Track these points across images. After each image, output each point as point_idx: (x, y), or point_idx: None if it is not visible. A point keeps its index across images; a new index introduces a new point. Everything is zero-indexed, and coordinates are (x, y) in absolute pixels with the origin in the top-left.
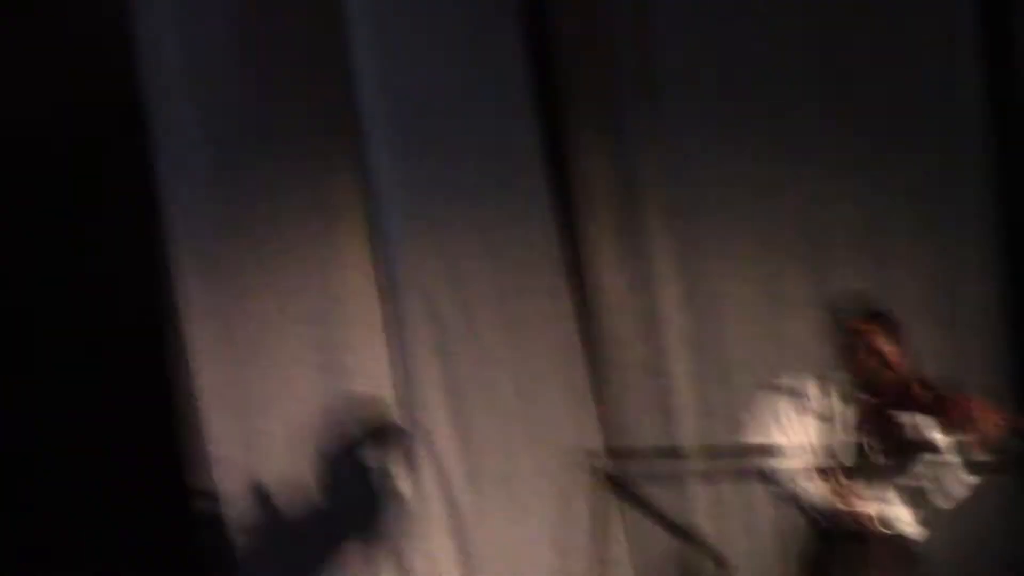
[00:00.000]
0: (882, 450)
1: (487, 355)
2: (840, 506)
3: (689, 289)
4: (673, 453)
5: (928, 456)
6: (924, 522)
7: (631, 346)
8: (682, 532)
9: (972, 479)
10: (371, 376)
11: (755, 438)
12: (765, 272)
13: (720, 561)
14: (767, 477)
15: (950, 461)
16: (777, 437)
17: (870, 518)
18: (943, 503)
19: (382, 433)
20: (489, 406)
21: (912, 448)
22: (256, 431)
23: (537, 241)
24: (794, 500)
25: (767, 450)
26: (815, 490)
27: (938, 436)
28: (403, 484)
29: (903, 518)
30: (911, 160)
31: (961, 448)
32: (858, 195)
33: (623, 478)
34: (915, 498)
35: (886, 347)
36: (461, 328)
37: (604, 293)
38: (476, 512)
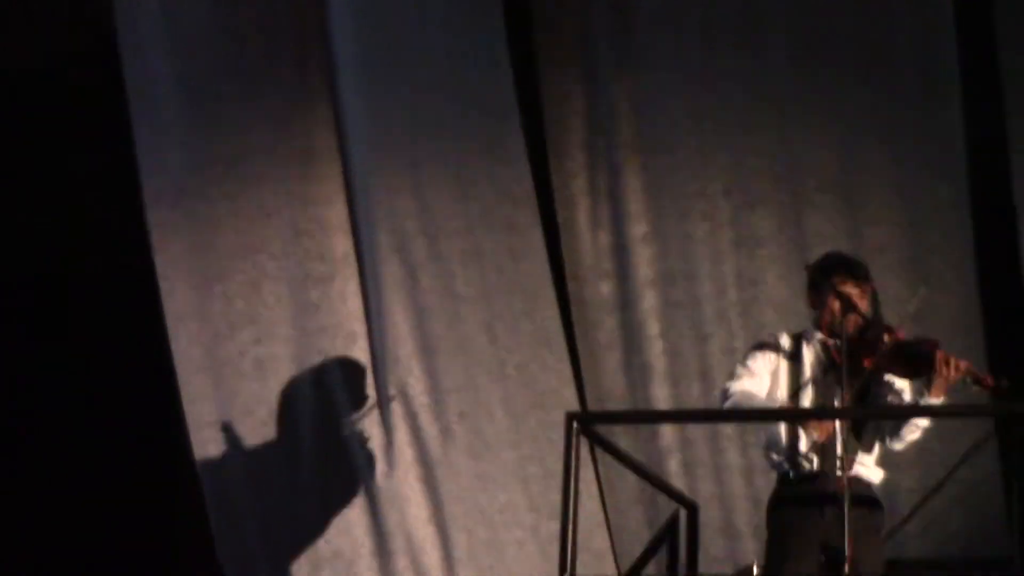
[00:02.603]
0: (852, 397)
1: (456, 290)
2: (806, 456)
3: (657, 227)
4: (643, 396)
5: (889, 401)
6: (883, 465)
7: (599, 284)
8: (651, 477)
9: (926, 423)
10: (340, 312)
11: (726, 388)
12: (734, 212)
13: (688, 505)
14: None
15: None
16: (748, 387)
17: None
18: (898, 446)
19: (354, 377)
20: (458, 342)
21: (875, 393)
22: (223, 358)
23: (507, 177)
24: (764, 449)
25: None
26: (784, 440)
27: (898, 381)
28: (376, 433)
29: (865, 463)
30: (885, 104)
31: (919, 392)
32: (830, 138)
33: (594, 423)
34: (873, 441)
35: (858, 298)
36: (430, 263)
37: (573, 230)
38: (447, 460)
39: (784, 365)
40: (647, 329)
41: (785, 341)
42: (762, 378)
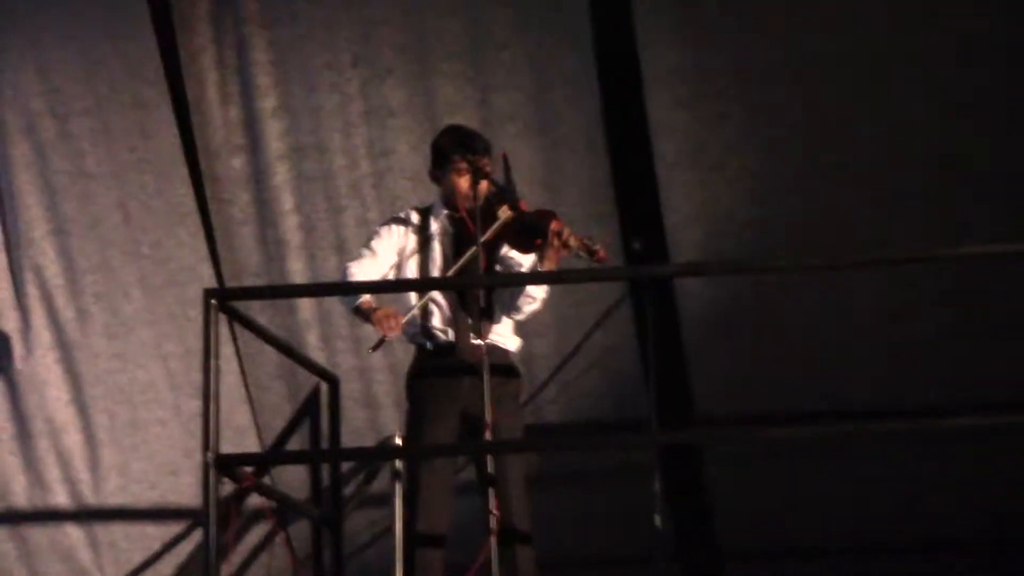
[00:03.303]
0: (478, 269)
1: (87, 169)
2: (440, 328)
3: (287, 101)
4: (279, 271)
5: (508, 271)
6: (519, 333)
7: (231, 159)
8: (291, 352)
9: (543, 294)
10: None
11: (347, 267)
12: (363, 83)
13: (328, 378)
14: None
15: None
16: (367, 269)
17: (475, 345)
18: (518, 317)
19: None
20: (91, 222)
21: (496, 266)
22: None
23: (134, 53)
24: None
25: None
26: (419, 315)
27: (517, 254)
28: (12, 316)
29: (501, 332)
30: None
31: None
32: (456, 5)
33: (231, 299)
34: (498, 311)
35: (483, 171)
36: (60, 143)
37: (203, 105)
38: (85, 341)
39: (413, 240)
40: (281, 204)
41: (414, 217)
42: (384, 258)
